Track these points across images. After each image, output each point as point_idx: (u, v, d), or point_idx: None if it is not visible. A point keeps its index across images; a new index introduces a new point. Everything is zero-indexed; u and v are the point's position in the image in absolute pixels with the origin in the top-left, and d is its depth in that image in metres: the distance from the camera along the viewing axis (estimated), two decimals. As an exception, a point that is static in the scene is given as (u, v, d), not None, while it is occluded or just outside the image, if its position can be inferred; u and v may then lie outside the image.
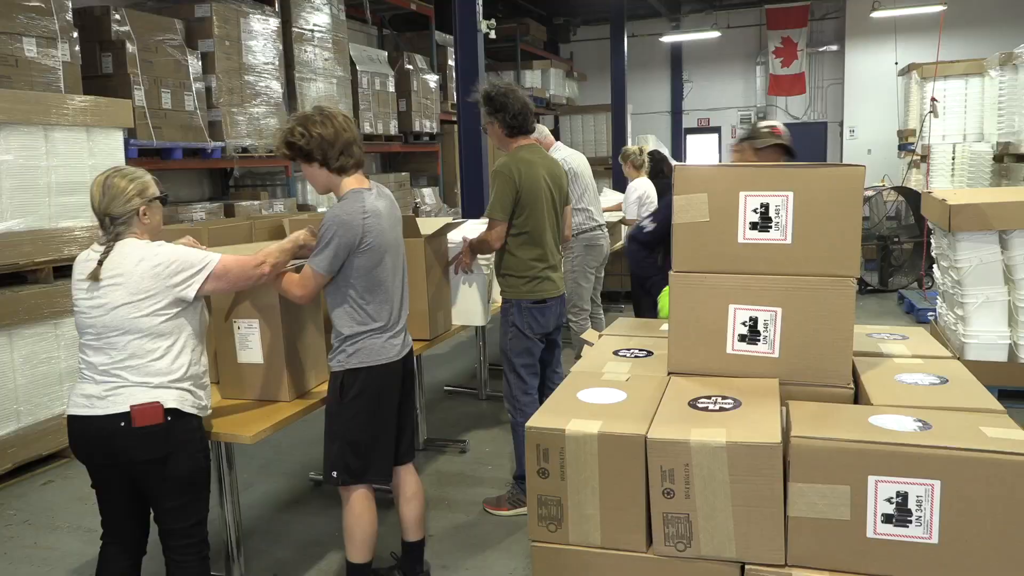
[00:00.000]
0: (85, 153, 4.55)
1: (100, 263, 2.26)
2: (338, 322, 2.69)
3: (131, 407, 2.23)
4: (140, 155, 5.50)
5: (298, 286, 2.63)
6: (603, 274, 5.84)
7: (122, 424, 2.24)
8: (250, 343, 2.84)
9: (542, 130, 5.47)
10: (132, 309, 2.25)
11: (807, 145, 15.65)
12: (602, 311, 5.94)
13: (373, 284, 2.66)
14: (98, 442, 2.28)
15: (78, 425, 2.30)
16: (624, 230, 6.89)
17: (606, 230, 5.54)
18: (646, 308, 6.50)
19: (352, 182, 2.68)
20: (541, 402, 3.65)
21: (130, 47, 5.41)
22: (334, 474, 2.72)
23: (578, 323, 5.39)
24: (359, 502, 2.76)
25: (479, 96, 3.53)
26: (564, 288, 3.73)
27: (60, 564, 3.35)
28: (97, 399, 2.26)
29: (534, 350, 3.58)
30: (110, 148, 4.72)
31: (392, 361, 2.74)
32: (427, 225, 3.63)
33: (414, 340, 3.62)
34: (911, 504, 1.66)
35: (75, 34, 4.93)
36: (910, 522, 1.67)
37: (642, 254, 3.50)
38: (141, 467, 2.31)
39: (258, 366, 2.85)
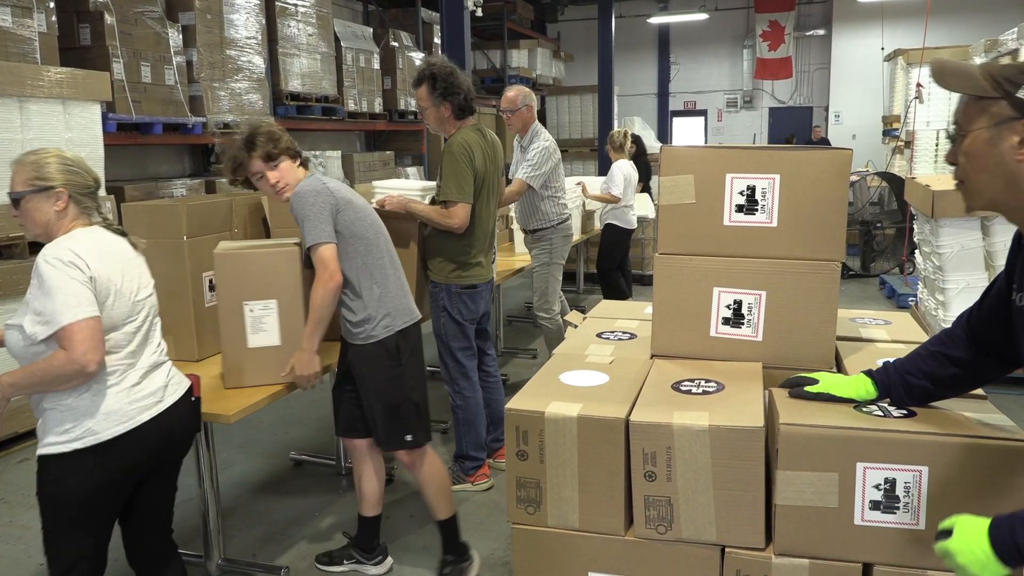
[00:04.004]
0: (61, 126, 4.46)
1: (133, 239, 2.20)
2: (365, 295, 2.68)
3: (191, 378, 2.27)
4: (119, 129, 5.41)
5: (327, 276, 2.57)
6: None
7: (192, 399, 2.26)
8: (265, 325, 2.69)
9: (533, 96, 5.25)
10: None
11: (791, 130, 15.68)
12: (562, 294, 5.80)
13: (370, 246, 2.70)
14: (172, 433, 2.16)
15: (155, 426, 2.10)
16: (598, 217, 6.84)
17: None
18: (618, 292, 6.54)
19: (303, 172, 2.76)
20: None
21: (108, 18, 5.30)
22: (408, 438, 2.77)
23: (551, 319, 4.91)
24: (433, 457, 2.87)
25: (423, 76, 3.39)
26: (494, 273, 3.74)
27: (36, 542, 3.31)
28: (164, 388, 2.17)
29: (468, 332, 3.57)
30: (87, 121, 4.64)
31: (418, 319, 2.86)
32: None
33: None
34: (899, 490, 1.65)
35: (52, 4, 4.82)
36: (898, 508, 1.67)
37: None
38: (187, 442, 2.29)
39: (274, 348, 2.70)
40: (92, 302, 1.97)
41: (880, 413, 1.75)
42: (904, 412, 1.76)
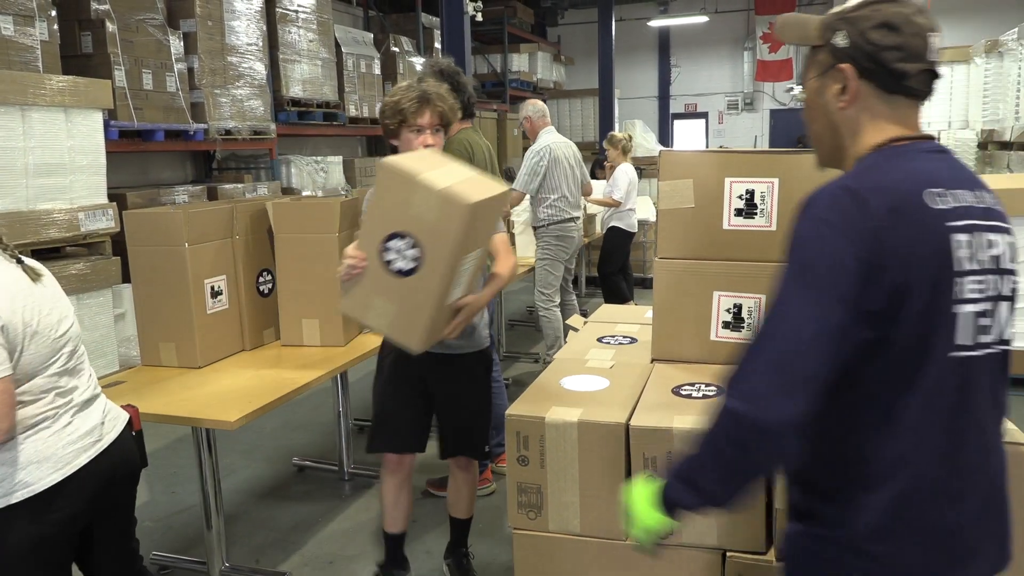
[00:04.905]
0: (64, 134, 4.47)
1: (29, 266, 1.88)
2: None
3: (128, 410, 2.06)
4: (121, 136, 5.43)
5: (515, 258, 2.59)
6: (574, 264, 5.83)
7: (133, 434, 2.04)
8: (462, 279, 2.24)
9: (538, 107, 5.37)
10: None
11: (793, 132, 15.68)
12: (574, 297, 5.89)
13: None
14: (115, 472, 1.95)
15: (96, 469, 1.87)
16: (599, 221, 6.85)
17: (579, 222, 5.39)
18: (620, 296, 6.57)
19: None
20: None
21: (110, 26, 5.32)
22: (487, 449, 2.76)
23: (548, 310, 5.18)
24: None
25: (431, 72, 3.39)
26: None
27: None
28: (102, 426, 1.94)
29: None
30: (89, 129, 4.65)
31: None
32: None
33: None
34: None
35: (53, 12, 4.84)
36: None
37: None
38: (135, 479, 2.05)
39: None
40: (3, 359, 1.68)
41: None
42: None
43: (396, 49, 9.37)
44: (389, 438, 2.71)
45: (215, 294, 3.04)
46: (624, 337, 2.53)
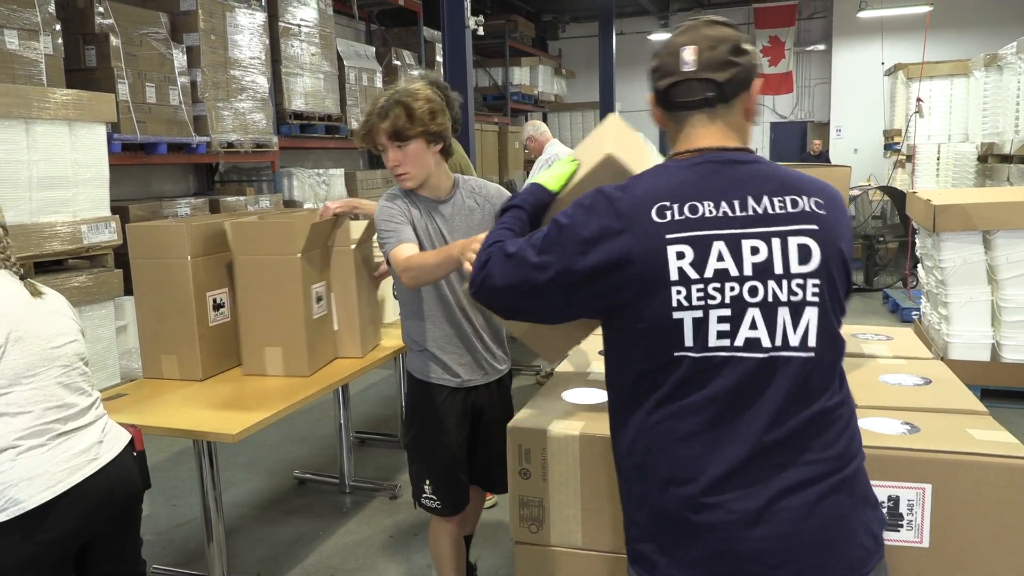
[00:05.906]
0: (67, 148, 4.50)
1: (31, 283, 1.92)
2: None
3: (131, 431, 2.02)
4: (124, 149, 5.45)
5: None
6: None
7: (134, 454, 2.00)
8: None
9: (539, 126, 5.42)
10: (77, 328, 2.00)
11: (794, 144, 15.73)
12: None
13: None
14: (113, 493, 1.91)
15: (91, 488, 1.84)
16: None
17: None
18: None
19: None
20: None
21: (114, 40, 5.35)
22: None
23: None
24: None
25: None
26: None
27: None
28: (100, 444, 1.90)
29: None
30: (93, 143, 4.67)
31: None
32: (356, 228, 3.22)
33: (347, 358, 3.29)
34: (902, 508, 1.65)
35: (58, 26, 4.87)
36: (901, 526, 1.66)
37: None
38: (135, 500, 2.02)
39: None
40: None
41: (882, 429, 1.75)
42: (907, 428, 1.76)
43: (398, 62, 9.42)
44: (460, 496, 2.46)
45: (217, 307, 3.04)
46: (625, 350, 2.53)
